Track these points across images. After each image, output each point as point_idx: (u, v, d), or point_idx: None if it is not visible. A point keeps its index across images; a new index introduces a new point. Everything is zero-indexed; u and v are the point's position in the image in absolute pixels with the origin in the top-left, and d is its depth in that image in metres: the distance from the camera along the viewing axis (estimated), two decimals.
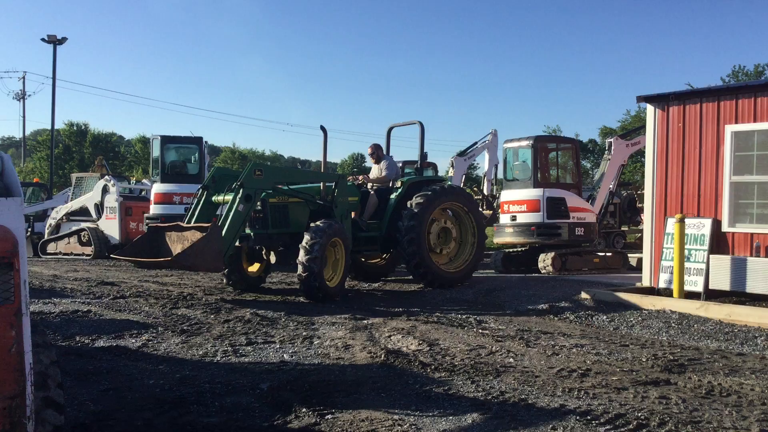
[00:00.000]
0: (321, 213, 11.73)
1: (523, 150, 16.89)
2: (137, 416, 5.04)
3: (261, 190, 11.04)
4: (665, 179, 11.71)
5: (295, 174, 13.74)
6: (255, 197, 10.88)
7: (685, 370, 6.67)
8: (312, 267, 10.53)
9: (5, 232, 2.98)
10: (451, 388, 5.81)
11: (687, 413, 5.20)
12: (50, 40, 38.47)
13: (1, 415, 2.91)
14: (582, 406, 5.31)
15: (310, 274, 10.56)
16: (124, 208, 20.59)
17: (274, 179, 11.52)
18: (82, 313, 9.36)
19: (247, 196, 10.72)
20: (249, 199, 10.75)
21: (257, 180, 10.96)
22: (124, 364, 6.67)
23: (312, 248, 10.56)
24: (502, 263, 16.82)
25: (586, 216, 16.66)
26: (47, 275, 14.05)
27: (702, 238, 10.85)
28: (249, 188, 10.77)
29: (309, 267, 10.54)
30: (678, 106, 11.57)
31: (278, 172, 13.13)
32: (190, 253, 9.78)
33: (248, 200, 10.75)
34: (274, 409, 5.24)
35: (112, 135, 73.08)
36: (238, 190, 10.70)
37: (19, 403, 2.97)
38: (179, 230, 10.89)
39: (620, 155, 18.44)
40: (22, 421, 2.99)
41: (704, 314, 9.79)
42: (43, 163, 58.41)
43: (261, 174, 11.11)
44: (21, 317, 2.97)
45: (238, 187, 10.73)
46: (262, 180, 11.06)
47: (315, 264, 10.53)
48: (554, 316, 9.98)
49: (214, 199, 11.50)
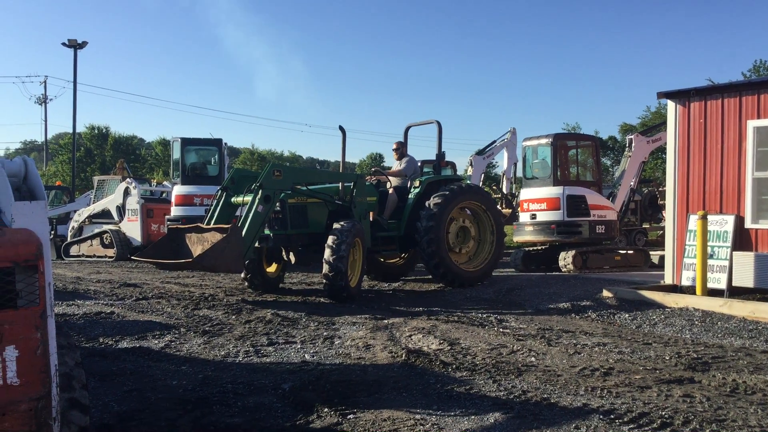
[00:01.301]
0: (340, 213, 11.71)
1: (542, 148, 16.82)
2: (161, 416, 5.07)
3: (280, 190, 11.00)
4: (687, 176, 11.60)
5: (314, 174, 13.60)
6: (274, 198, 10.84)
7: (709, 368, 6.61)
8: (339, 266, 10.53)
9: (30, 235, 3.01)
10: (472, 388, 5.80)
11: (711, 412, 5.15)
12: (71, 45, 38.86)
13: (27, 417, 2.94)
14: (605, 405, 5.27)
15: (337, 274, 10.56)
16: (145, 210, 20.74)
17: (293, 180, 11.49)
18: (106, 314, 9.44)
19: (266, 197, 10.69)
20: (268, 200, 10.72)
21: (276, 181, 10.92)
22: (147, 364, 6.72)
23: (339, 248, 10.59)
24: (522, 262, 16.76)
25: (607, 213, 16.55)
26: (70, 277, 14.19)
27: (725, 234, 10.74)
28: (268, 189, 10.73)
29: (336, 266, 10.54)
30: (699, 101, 11.47)
31: (297, 172, 13.07)
32: (211, 255, 9.76)
33: (267, 201, 10.71)
34: (296, 409, 5.25)
35: (132, 138, 73.72)
36: (258, 191, 10.68)
37: (45, 405, 3.00)
38: (199, 231, 10.87)
39: (641, 152, 18.29)
40: (48, 422, 3.02)
41: (728, 312, 9.69)
42: (65, 167, 59.01)
43: (280, 175, 11.07)
44: (46, 319, 3.00)
45: (257, 188, 10.71)
46: (281, 180, 11.02)
47: (342, 263, 10.55)
48: (576, 315, 9.93)
49: (233, 200, 11.49)
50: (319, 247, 11.02)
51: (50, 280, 3.07)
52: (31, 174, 3.51)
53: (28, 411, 2.94)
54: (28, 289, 2.96)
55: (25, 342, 2.93)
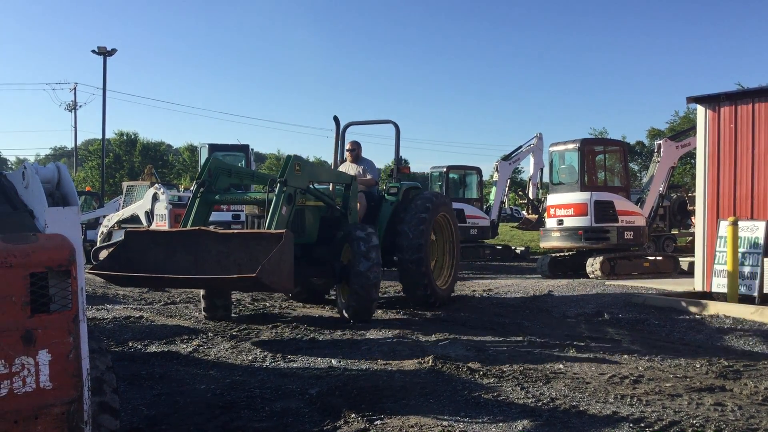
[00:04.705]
0: (333, 220, 10.03)
1: (569, 153, 16.73)
2: (189, 421, 5.11)
3: (299, 189, 9.22)
4: (717, 181, 11.47)
5: (326, 173, 10.96)
6: (295, 198, 9.08)
7: (741, 377, 6.51)
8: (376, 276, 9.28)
9: (63, 241, 3.05)
10: (500, 395, 5.76)
11: (743, 420, 5.07)
12: (100, 52, 39.32)
13: (59, 420, 2.98)
14: (635, 413, 5.21)
15: (376, 285, 9.34)
16: (173, 216, 20.87)
17: (309, 177, 9.65)
18: (135, 318, 9.53)
19: (288, 197, 8.88)
20: (290, 201, 8.93)
21: (296, 177, 9.11)
22: (175, 369, 6.77)
23: (372, 254, 9.28)
24: (548, 268, 16.66)
25: (635, 219, 16.42)
26: (100, 282, 14.32)
27: (756, 241, 10.59)
28: (291, 187, 8.94)
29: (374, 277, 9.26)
30: (729, 106, 11.33)
31: (314, 169, 10.36)
32: (269, 269, 7.35)
33: (290, 201, 8.93)
34: (323, 415, 5.26)
35: (160, 144, 74.53)
36: (281, 188, 8.81)
37: (77, 408, 3.03)
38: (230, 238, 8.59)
39: (670, 157, 18.12)
40: (80, 425, 3.05)
41: (759, 319, 9.55)
42: (94, 172, 59.83)
43: (299, 170, 9.20)
44: (78, 323, 3.04)
45: (280, 184, 8.83)
46: (300, 177, 9.21)
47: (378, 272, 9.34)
48: (604, 321, 9.83)
49: (216, 198, 9.38)
50: (310, 260, 9.66)
51: (83, 284, 3.10)
52: (64, 180, 3.55)
53: (61, 414, 2.98)
54: (61, 294, 2.99)
55: (58, 346, 2.97)
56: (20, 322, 2.86)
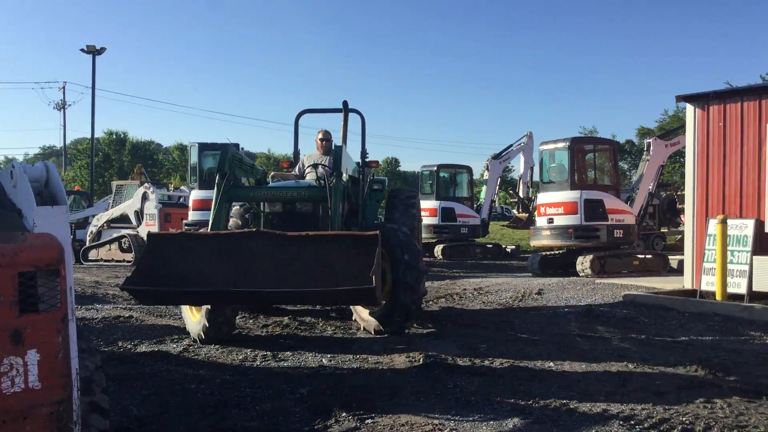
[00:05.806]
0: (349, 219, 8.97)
1: (559, 152, 16.79)
2: (179, 421, 5.09)
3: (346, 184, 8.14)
4: (706, 180, 11.53)
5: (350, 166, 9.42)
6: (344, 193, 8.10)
7: (730, 374, 6.54)
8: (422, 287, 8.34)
9: (51, 240, 3.03)
10: (491, 393, 5.77)
11: (733, 417, 5.10)
12: (89, 51, 39.16)
13: (48, 420, 2.96)
14: (625, 411, 5.23)
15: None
16: (163, 215, 20.89)
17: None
18: (124, 318, 9.50)
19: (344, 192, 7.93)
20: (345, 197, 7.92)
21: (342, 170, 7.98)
22: (165, 369, 6.75)
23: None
24: (539, 266, 16.71)
25: (625, 218, 16.49)
26: (89, 281, 14.29)
27: (745, 239, 10.65)
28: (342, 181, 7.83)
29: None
30: (718, 105, 11.39)
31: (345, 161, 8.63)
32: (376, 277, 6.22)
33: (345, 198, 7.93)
34: (314, 414, 5.25)
35: (150, 143, 74.17)
36: (339, 182, 7.71)
37: (66, 408, 3.01)
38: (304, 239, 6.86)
39: (659, 156, 18.20)
40: (69, 425, 3.03)
41: (748, 316, 9.61)
42: (83, 172, 59.50)
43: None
44: (67, 323, 3.02)
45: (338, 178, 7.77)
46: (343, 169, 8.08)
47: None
48: (594, 319, 9.86)
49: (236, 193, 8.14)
50: None
51: (71, 284, 3.08)
52: (52, 179, 3.53)
53: (49, 415, 2.96)
54: (50, 294, 2.97)
55: (47, 346, 2.95)
56: (8, 321, 2.84)
